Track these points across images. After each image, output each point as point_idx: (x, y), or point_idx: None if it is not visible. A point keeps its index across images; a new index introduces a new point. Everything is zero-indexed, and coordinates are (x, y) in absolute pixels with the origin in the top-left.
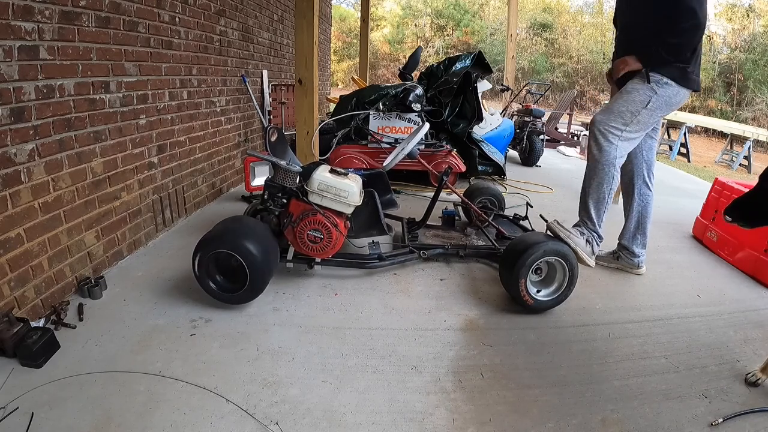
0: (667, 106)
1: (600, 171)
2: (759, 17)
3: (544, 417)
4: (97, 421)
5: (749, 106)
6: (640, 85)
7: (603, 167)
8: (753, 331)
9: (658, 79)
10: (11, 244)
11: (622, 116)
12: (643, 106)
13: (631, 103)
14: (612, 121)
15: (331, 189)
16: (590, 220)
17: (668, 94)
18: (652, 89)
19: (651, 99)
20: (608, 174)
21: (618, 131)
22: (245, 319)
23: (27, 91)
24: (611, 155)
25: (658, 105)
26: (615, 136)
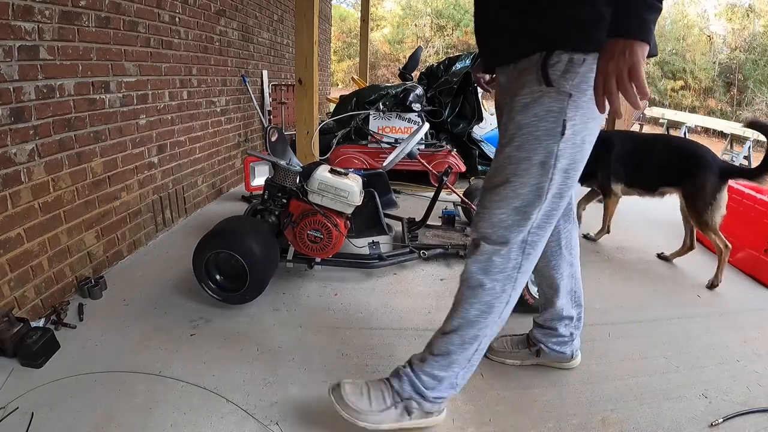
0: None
1: (488, 288)
2: (759, 17)
3: (544, 417)
4: (97, 421)
5: (749, 106)
6: (533, 97)
7: (493, 280)
8: (753, 331)
9: (566, 62)
10: (11, 244)
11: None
12: (557, 136)
13: (532, 147)
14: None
15: (331, 189)
16: (437, 366)
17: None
18: (561, 91)
19: (567, 114)
20: (503, 291)
21: (527, 212)
22: (245, 319)
23: (27, 91)
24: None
25: (587, 114)
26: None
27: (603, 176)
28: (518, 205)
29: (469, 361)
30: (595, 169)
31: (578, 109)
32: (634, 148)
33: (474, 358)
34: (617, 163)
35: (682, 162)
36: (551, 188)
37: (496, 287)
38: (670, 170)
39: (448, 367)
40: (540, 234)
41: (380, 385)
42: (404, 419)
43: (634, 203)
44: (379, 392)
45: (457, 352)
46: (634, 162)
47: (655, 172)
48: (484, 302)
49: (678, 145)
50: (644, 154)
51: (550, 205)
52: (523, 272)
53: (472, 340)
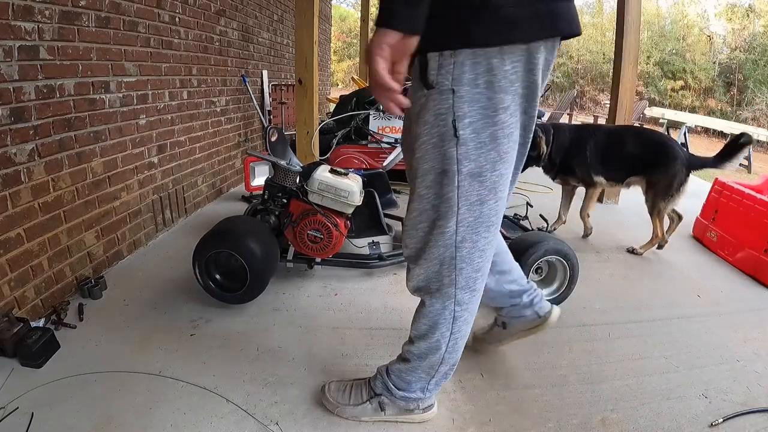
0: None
1: (428, 305)
2: (759, 17)
3: (544, 417)
4: (97, 421)
5: (749, 106)
6: (420, 104)
7: (431, 297)
8: (753, 331)
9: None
10: (11, 244)
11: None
12: (452, 139)
13: (431, 156)
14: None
15: (331, 189)
16: (402, 372)
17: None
18: (442, 90)
19: (455, 112)
20: (444, 308)
21: (444, 225)
22: (245, 319)
23: (27, 91)
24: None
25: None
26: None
27: (582, 170)
28: (435, 219)
29: (434, 369)
30: (571, 165)
31: (473, 103)
32: (605, 140)
33: (442, 368)
34: (593, 156)
35: (653, 153)
36: (461, 197)
37: (436, 305)
38: (640, 161)
39: (412, 372)
40: (471, 247)
41: (361, 382)
42: (379, 414)
43: (635, 203)
44: (358, 389)
45: (417, 360)
46: (605, 154)
47: (625, 164)
48: (429, 318)
49: (648, 137)
50: (615, 146)
51: (471, 214)
52: (462, 288)
53: (430, 352)
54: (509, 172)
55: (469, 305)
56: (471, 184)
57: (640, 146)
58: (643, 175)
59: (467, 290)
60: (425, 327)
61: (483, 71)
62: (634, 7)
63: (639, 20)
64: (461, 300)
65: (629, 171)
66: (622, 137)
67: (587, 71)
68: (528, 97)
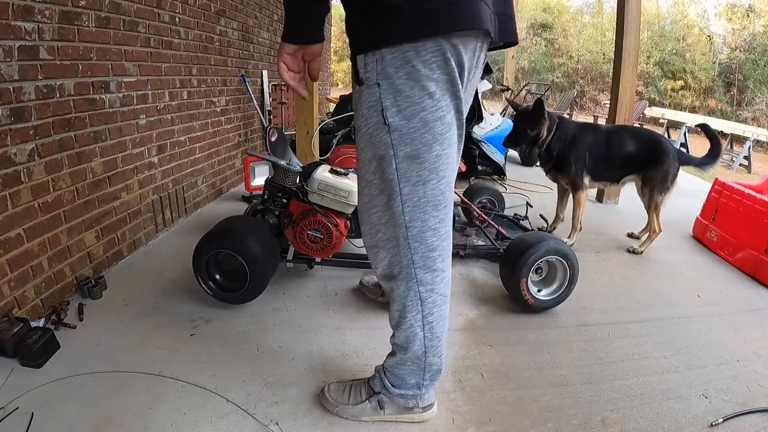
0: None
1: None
2: (759, 17)
3: (544, 417)
4: (97, 421)
5: (749, 106)
6: (355, 99)
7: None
8: (753, 331)
9: (364, 60)
10: (11, 244)
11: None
12: (383, 128)
13: (370, 145)
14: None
15: (331, 189)
16: (395, 366)
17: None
18: (369, 84)
19: (382, 103)
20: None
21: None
22: (245, 319)
23: (27, 91)
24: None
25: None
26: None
27: (577, 168)
28: (384, 203)
29: (422, 360)
30: (568, 160)
31: (398, 93)
32: (604, 140)
33: (430, 359)
34: (590, 156)
35: (648, 150)
36: (402, 178)
37: (401, 287)
38: (637, 159)
39: (402, 365)
40: (422, 227)
41: (361, 382)
42: (378, 413)
43: (635, 203)
44: (357, 388)
45: (401, 352)
46: (606, 154)
47: (624, 163)
48: (398, 303)
49: (642, 135)
50: (614, 146)
51: (415, 194)
52: (421, 268)
53: (409, 340)
54: (450, 152)
55: (434, 286)
56: (410, 166)
57: (636, 145)
58: (639, 172)
59: (427, 270)
60: (397, 313)
61: (401, 64)
62: (634, 7)
63: (639, 20)
64: (423, 280)
65: (627, 170)
66: (620, 137)
67: (587, 71)
68: (452, 82)
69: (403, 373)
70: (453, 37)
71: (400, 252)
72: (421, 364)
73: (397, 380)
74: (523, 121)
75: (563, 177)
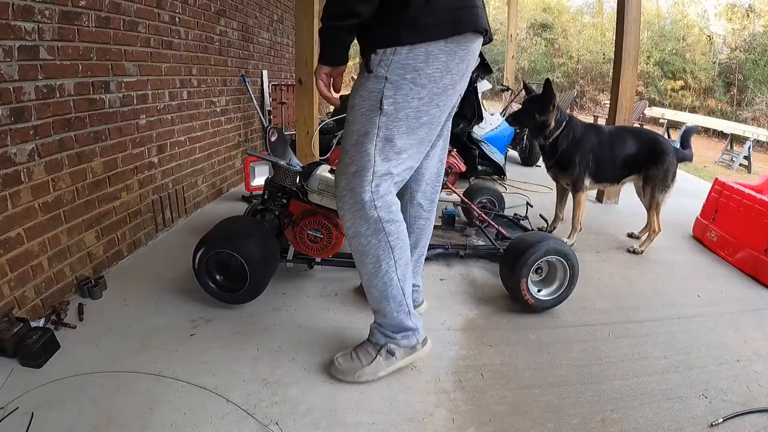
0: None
1: (365, 244)
2: (759, 17)
3: (544, 417)
4: (97, 421)
5: (749, 106)
6: (360, 83)
7: (366, 237)
8: (753, 331)
9: (381, 54)
10: (11, 244)
11: (357, 149)
12: (377, 111)
13: (360, 121)
14: (346, 167)
15: (331, 189)
16: (384, 316)
17: (412, 67)
18: (378, 76)
19: (384, 93)
20: (379, 241)
21: (362, 175)
22: (245, 319)
23: (27, 91)
24: (367, 213)
25: (407, 94)
26: (361, 182)
27: (580, 171)
28: (355, 170)
29: (403, 301)
30: (572, 159)
31: (398, 90)
32: (607, 142)
33: (403, 292)
34: (593, 159)
35: (648, 150)
36: (377, 153)
37: (372, 241)
38: (637, 159)
39: (390, 312)
40: (386, 190)
41: (363, 344)
42: (392, 361)
43: (635, 203)
44: (364, 350)
45: (384, 301)
46: (606, 156)
47: (624, 164)
48: (372, 255)
49: (642, 135)
50: (617, 147)
51: (383, 167)
52: (388, 222)
53: (386, 286)
54: (416, 144)
55: (399, 234)
56: (384, 145)
57: (636, 145)
58: (639, 172)
59: (392, 223)
60: (371, 265)
61: (410, 69)
62: (634, 7)
63: (639, 20)
64: (390, 231)
65: (628, 170)
66: (621, 138)
67: (587, 71)
68: (440, 96)
69: (394, 317)
70: (460, 38)
71: (366, 211)
72: (403, 303)
73: (393, 326)
74: (532, 105)
75: (565, 177)
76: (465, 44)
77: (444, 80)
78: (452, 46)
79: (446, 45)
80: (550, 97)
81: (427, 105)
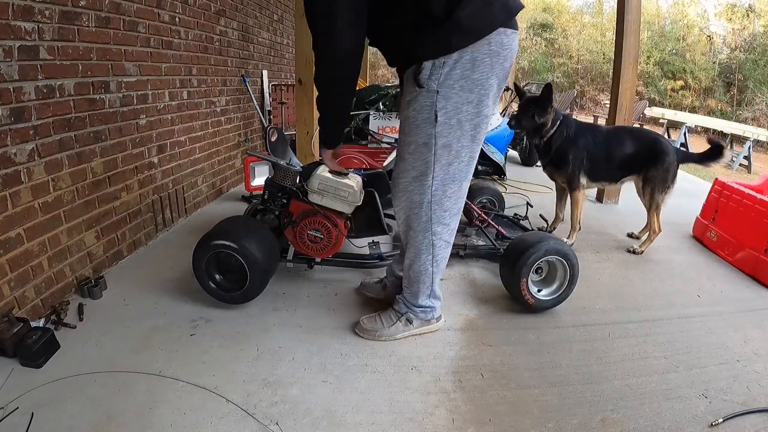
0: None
1: (413, 237)
2: (759, 17)
3: (544, 417)
4: (97, 421)
5: (749, 106)
6: (412, 96)
7: (414, 231)
8: (753, 331)
9: (430, 67)
10: (11, 244)
11: (417, 157)
12: (432, 123)
13: (416, 133)
14: (406, 171)
15: (331, 189)
16: (412, 293)
17: (460, 76)
18: (429, 90)
19: (437, 105)
20: (424, 238)
21: (422, 180)
22: (245, 319)
23: (27, 91)
24: (421, 213)
25: (458, 102)
26: (421, 186)
27: (574, 169)
28: (415, 175)
29: (430, 289)
30: (566, 157)
31: (449, 100)
32: (602, 141)
33: (435, 289)
34: (587, 157)
35: (647, 150)
36: (437, 161)
37: (419, 236)
38: (636, 160)
39: (418, 291)
40: (441, 195)
41: (388, 310)
42: (409, 327)
43: (635, 203)
44: (387, 315)
45: (416, 284)
46: (602, 155)
47: (622, 164)
48: (414, 247)
49: (642, 136)
50: (614, 146)
51: (442, 172)
52: (435, 222)
53: (421, 273)
54: (472, 144)
55: (443, 235)
56: (443, 152)
57: (635, 145)
58: (639, 172)
59: (439, 224)
60: (412, 254)
61: (458, 78)
62: (634, 7)
63: (639, 20)
64: (436, 231)
65: (627, 170)
66: (619, 138)
67: (587, 71)
68: (487, 96)
69: (420, 297)
70: (500, 32)
71: (422, 212)
72: (431, 289)
73: (416, 300)
74: (531, 106)
75: (560, 175)
76: (507, 44)
77: (490, 81)
78: (496, 48)
79: (490, 48)
80: (549, 99)
81: (477, 107)
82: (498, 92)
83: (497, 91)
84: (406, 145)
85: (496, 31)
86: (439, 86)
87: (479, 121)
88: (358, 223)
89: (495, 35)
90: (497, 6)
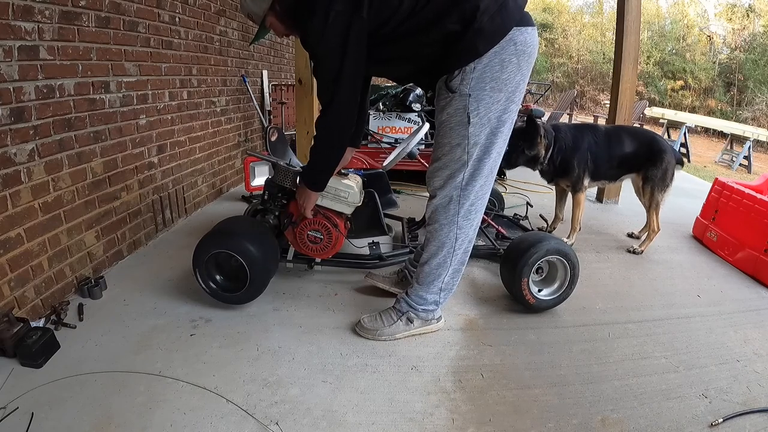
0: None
1: (438, 229)
2: (759, 17)
3: (544, 417)
4: (97, 421)
5: (749, 106)
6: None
7: (441, 224)
8: (753, 331)
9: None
10: (11, 244)
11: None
12: (465, 125)
13: (450, 135)
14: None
15: (331, 189)
16: (421, 287)
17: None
18: (462, 94)
19: (469, 107)
20: (449, 231)
21: (455, 177)
22: (245, 319)
23: (27, 91)
24: (450, 208)
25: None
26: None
27: (580, 173)
28: (449, 173)
29: (443, 282)
30: (570, 164)
31: (480, 101)
32: (604, 140)
33: (447, 281)
34: (590, 157)
35: (646, 149)
36: (470, 158)
37: (444, 229)
38: (635, 158)
39: (427, 289)
40: (472, 189)
41: (388, 309)
42: (410, 327)
43: (635, 203)
44: (387, 314)
45: (430, 272)
46: (603, 154)
47: (621, 162)
48: (438, 240)
49: (640, 135)
50: (613, 145)
51: (473, 168)
52: (462, 217)
53: (440, 267)
54: (500, 140)
55: (467, 231)
56: (474, 150)
57: (634, 144)
58: (638, 171)
59: (465, 219)
60: (435, 247)
61: (488, 80)
62: (634, 7)
63: (639, 20)
64: (461, 225)
65: (626, 169)
66: (618, 137)
67: (587, 71)
68: (514, 93)
69: (426, 295)
70: (522, 31)
71: (450, 206)
72: (442, 286)
73: (420, 300)
74: (519, 140)
75: (564, 180)
76: (530, 42)
77: (516, 78)
78: (521, 47)
79: (516, 48)
80: (536, 131)
81: (505, 104)
82: (524, 88)
83: (523, 87)
84: (441, 146)
85: (518, 29)
86: (470, 90)
87: (507, 118)
88: (358, 224)
89: (518, 34)
90: (510, 4)
